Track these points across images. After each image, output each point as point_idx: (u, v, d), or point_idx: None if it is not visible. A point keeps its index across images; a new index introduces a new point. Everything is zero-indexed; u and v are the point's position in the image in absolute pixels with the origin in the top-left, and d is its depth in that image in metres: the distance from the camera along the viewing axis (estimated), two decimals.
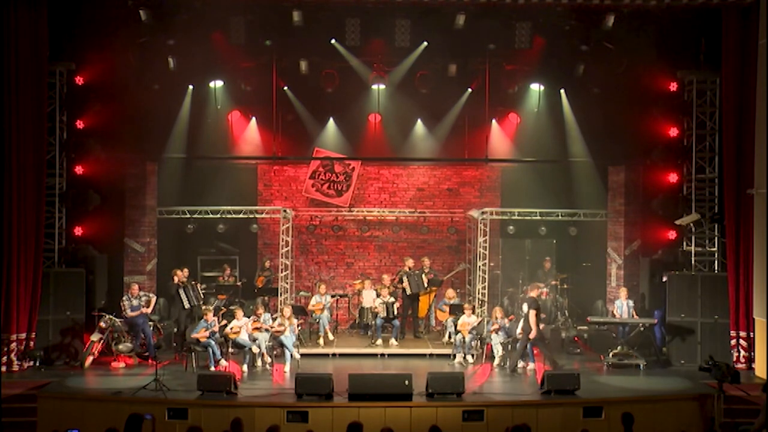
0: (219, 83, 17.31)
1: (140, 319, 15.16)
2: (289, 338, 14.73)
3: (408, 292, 16.87)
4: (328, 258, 19.10)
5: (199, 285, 16.76)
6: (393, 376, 13.18)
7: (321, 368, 14.46)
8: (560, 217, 17.90)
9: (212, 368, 14.30)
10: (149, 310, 15.28)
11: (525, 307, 14.58)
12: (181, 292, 16.02)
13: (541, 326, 14.88)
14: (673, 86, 16.15)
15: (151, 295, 15.73)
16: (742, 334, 14.61)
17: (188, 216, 17.65)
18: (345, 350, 15.99)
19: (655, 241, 16.80)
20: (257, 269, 18.44)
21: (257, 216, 18.28)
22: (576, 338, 16.73)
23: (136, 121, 16.34)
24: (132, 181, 17.54)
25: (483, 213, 17.25)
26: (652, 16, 15.20)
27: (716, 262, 15.99)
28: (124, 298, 15.39)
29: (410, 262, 17.50)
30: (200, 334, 14.44)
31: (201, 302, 16.35)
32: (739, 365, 14.47)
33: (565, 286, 17.89)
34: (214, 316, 14.85)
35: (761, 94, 13.87)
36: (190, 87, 16.97)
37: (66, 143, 15.90)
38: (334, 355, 15.79)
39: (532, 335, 14.07)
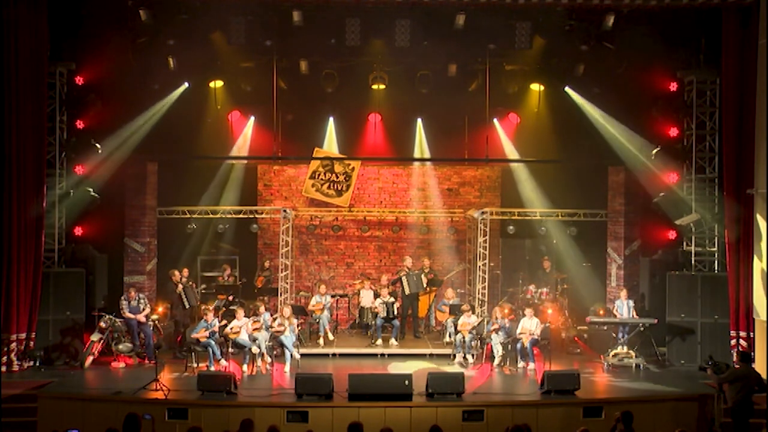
0: (219, 83, 17.32)
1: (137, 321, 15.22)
2: (289, 338, 14.74)
3: (406, 292, 16.88)
4: (328, 258, 19.11)
5: (194, 285, 16.75)
6: (393, 376, 13.21)
7: (321, 368, 14.47)
8: (560, 217, 17.90)
9: (212, 368, 14.30)
10: (142, 318, 15.28)
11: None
12: (182, 292, 16.02)
13: (541, 328, 14.94)
14: (673, 86, 16.16)
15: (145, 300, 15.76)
16: (742, 334, 14.60)
17: (188, 216, 17.65)
18: (345, 350, 16.00)
19: (655, 241, 16.81)
20: (257, 269, 18.45)
21: (257, 216, 18.28)
22: (576, 338, 16.75)
23: (136, 121, 16.34)
24: (132, 181, 17.54)
25: (483, 213, 17.25)
26: (652, 16, 15.20)
27: (716, 262, 15.98)
28: (122, 298, 15.41)
29: (408, 262, 17.53)
30: (200, 334, 14.45)
31: (198, 303, 16.37)
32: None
33: (565, 286, 17.90)
34: (214, 316, 14.86)
35: (761, 94, 13.87)
36: (185, 84, 16.88)
37: (66, 143, 15.90)
38: (334, 355, 15.80)
39: None
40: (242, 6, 15.10)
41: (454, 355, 15.36)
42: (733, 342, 14.76)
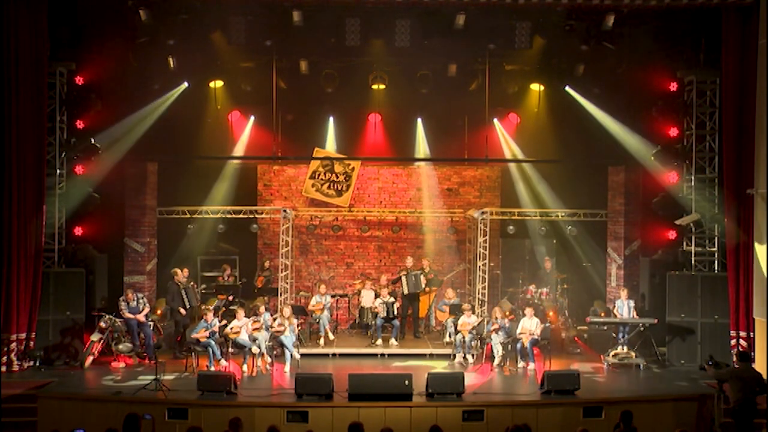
0: (219, 83, 17.32)
1: (137, 321, 15.23)
2: (289, 338, 14.74)
3: (405, 292, 16.89)
4: (328, 258, 19.11)
5: (194, 285, 16.76)
6: (393, 376, 13.20)
7: (321, 368, 14.47)
8: (560, 217, 17.89)
9: (212, 368, 14.30)
10: (142, 318, 15.29)
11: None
12: (183, 292, 16.02)
13: (541, 328, 14.95)
14: (673, 86, 16.13)
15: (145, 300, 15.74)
16: (742, 334, 14.59)
17: (188, 216, 17.65)
18: (345, 350, 16.00)
19: (655, 241, 16.80)
20: (257, 269, 18.45)
21: (257, 216, 18.28)
22: (576, 338, 16.75)
23: (136, 121, 16.34)
24: (132, 181, 17.54)
25: (483, 213, 17.25)
26: (652, 17, 15.20)
27: (716, 262, 15.98)
28: (121, 299, 15.41)
29: (410, 262, 17.53)
30: (200, 334, 14.45)
31: (198, 303, 16.37)
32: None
33: (565, 286, 17.90)
34: (214, 316, 14.86)
35: (761, 94, 13.86)
36: (185, 84, 16.86)
37: (66, 143, 15.90)
38: (334, 355, 15.80)
39: None
40: (242, 6, 15.10)
41: (454, 355, 15.36)
42: (733, 342, 14.75)
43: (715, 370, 12.21)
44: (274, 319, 15.16)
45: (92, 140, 15.96)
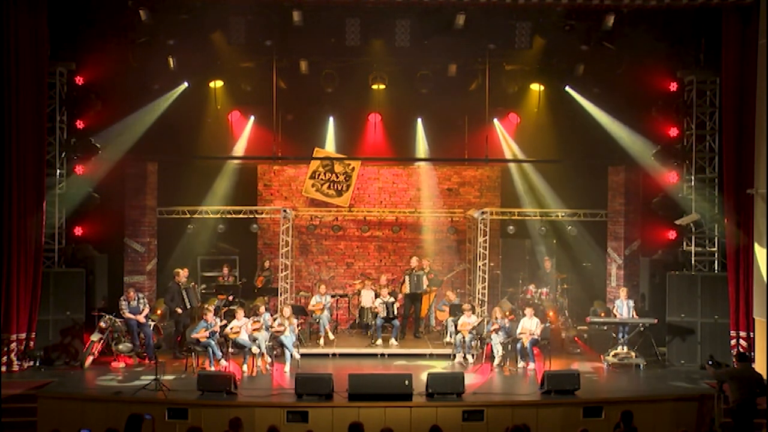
0: (219, 83, 17.32)
1: (137, 321, 15.22)
2: (289, 338, 14.74)
3: (406, 291, 16.90)
4: (328, 258, 19.11)
5: (194, 285, 16.75)
6: (393, 376, 13.20)
7: (321, 368, 14.47)
8: (560, 217, 17.89)
9: (212, 368, 14.30)
10: (142, 318, 15.28)
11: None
12: (184, 292, 16.01)
13: (541, 328, 14.94)
14: (673, 86, 16.13)
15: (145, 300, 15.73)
16: (742, 334, 14.60)
17: (188, 216, 17.65)
18: (345, 350, 16.00)
19: (655, 241, 16.80)
20: (257, 269, 18.46)
21: (257, 216, 18.28)
22: (576, 338, 16.76)
23: (136, 121, 16.34)
24: (132, 181, 17.54)
25: (483, 213, 17.25)
26: (651, 17, 15.19)
27: (716, 262, 15.98)
28: (121, 298, 15.40)
29: (414, 262, 17.51)
30: (200, 334, 14.45)
31: (199, 303, 16.38)
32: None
33: (565, 286, 17.90)
34: (214, 316, 14.86)
35: (761, 94, 13.86)
36: (185, 84, 16.86)
37: (66, 143, 15.90)
38: (334, 355, 15.80)
39: None
40: (242, 6, 15.09)
41: (454, 355, 15.36)
42: (733, 342, 14.75)
43: (715, 370, 12.22)
44: (274, 319, 15.16)
45: (92, 140, 15.99)
